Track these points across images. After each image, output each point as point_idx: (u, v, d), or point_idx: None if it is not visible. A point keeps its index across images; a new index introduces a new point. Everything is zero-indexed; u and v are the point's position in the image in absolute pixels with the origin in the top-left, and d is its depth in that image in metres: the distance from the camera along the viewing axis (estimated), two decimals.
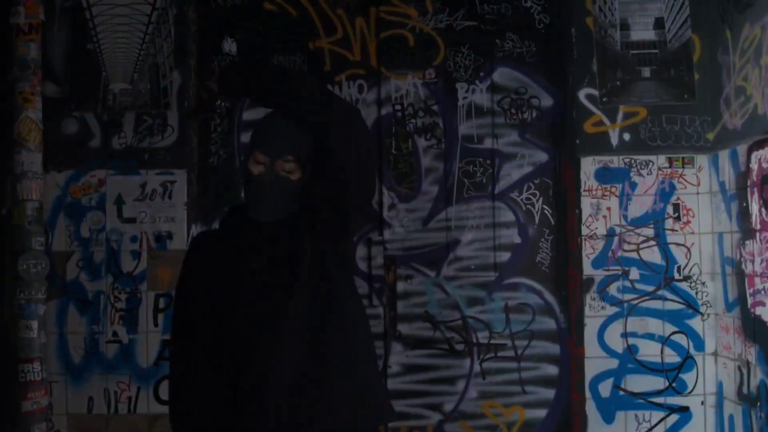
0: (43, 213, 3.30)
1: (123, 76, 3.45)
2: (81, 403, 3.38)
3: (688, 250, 3.49)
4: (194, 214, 3.51)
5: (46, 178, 3.36)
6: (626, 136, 3.53)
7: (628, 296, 3.49)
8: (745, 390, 3.17)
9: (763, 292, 3.03)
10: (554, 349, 3.64)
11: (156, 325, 3.39)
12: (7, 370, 3.16)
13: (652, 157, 3.52)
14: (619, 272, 3.49)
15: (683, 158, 3.52)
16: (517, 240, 3.66)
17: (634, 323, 3.48)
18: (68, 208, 3.41)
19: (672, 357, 3.48)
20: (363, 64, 3.65)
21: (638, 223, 3.50)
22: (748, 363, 3.14)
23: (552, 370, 3.64)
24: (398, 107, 3.67)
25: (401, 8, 3.67)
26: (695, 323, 3.48)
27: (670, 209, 3.50)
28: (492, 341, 3.64)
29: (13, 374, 3.13)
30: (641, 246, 3.49)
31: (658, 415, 3.46)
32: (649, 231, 3.50)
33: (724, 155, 3.35)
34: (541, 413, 3.63)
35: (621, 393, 3.47)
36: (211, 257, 2.22)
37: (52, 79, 3.42)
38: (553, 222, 3.67)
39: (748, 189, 3.12)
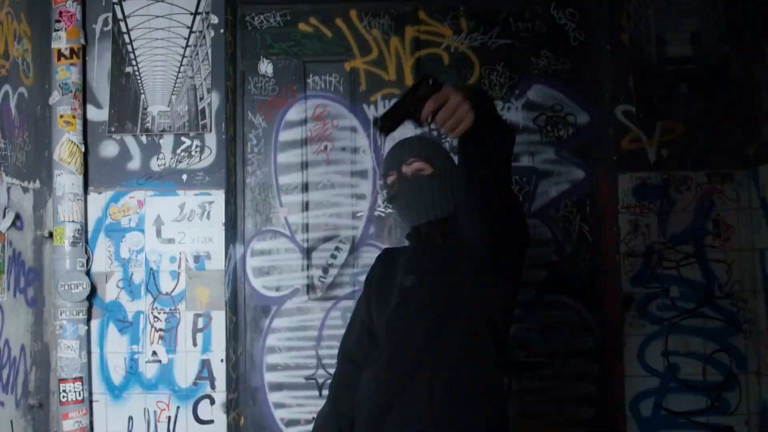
0: (83, 234, 3.36)
1: (161, 99, 3.49)
2: (121, 423, 3.39)
3: (729, 266, 3.44)
4: (232, 234, 3.53)
5: (87, 199, 3.42)
6: (664, 152, 3.49)
7: (668, 314, 3.44)
8: None
9: None
10: (593, 367, 3.60)
11: (195, 344, 3.40)
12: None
13: (691, 173, 3.48)
14: (659, 290, 3.45)
15: (722, 174, 3.48)
16: (555, 258, 3.63)
17: (675, 341, 3.44)
18: (108, 229, 3.44)
19: (714, 376, 3.42)
20: (398, 83, 3.66)
21: (677, 239, 3.46)
22: None
23: (591, 388, 3.59)
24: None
25: (436, 27, 3.68)
26: (737, 341, 3.42)
27: (710, 225, 3.46)
28: (529, 360, 3.61)
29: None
30: (681, 263, 3.45)
31: None
32: (689, 248, 3.46)
33: (764, 170, 3.31)
34: None
35: (663, 412, 3.42)
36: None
37: (92, 102, 3.48)
38: (590, 239, 3.64)
39: None
